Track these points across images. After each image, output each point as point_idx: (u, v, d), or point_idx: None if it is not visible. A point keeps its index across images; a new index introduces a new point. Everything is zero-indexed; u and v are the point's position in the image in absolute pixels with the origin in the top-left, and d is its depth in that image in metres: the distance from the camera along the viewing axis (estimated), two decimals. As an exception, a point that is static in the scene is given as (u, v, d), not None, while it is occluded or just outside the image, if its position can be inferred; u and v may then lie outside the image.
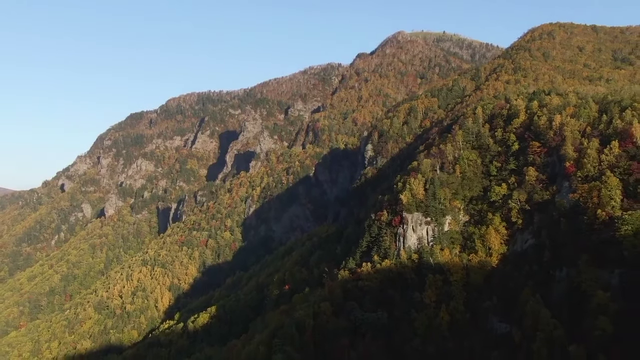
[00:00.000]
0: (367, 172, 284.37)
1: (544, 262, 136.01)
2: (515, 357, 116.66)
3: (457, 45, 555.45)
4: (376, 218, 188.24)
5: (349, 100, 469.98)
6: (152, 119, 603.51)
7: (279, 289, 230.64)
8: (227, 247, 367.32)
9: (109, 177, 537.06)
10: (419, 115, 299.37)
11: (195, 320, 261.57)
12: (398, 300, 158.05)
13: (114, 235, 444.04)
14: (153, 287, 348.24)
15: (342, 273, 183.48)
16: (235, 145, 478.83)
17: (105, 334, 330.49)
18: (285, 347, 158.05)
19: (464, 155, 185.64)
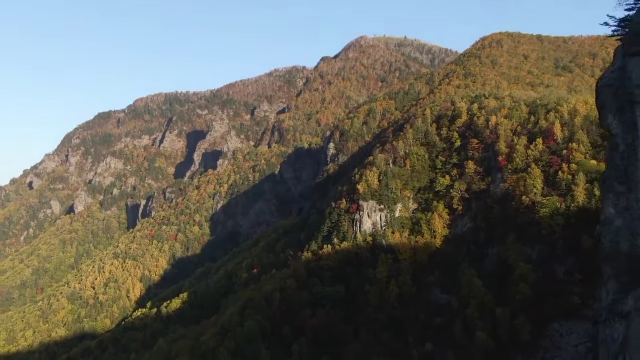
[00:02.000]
0: (329, 169, 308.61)
1: (480, 242, 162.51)
2: (453, 321, 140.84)
3: (417, 50, 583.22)
4: (336, 206, 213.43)
5: (312, 102, 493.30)
6: (119, 119, 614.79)
7: (248, 273, 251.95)
8: (196, 240, 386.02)
9: (78, 174, 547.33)
10: (377, 116, 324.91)
11: (168, 305, 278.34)
12: (354, 276, 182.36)
13: (83, 231, 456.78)
14: (125, 278, 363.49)
15: (306, 254, 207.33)
16: (203, 144, 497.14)
17: (79, 322, 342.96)
18: (256, 316, 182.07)
19: (413, 151, 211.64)
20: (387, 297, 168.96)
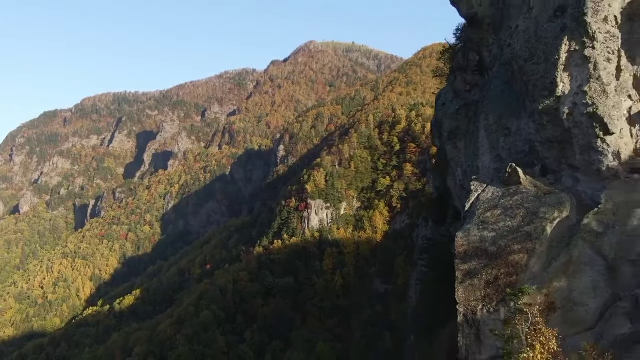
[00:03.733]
0: (279, 169, 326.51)
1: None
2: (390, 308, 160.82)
3: (364, 55, 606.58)
4: (286, 204, 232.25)
5: (263, 105, 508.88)
6: (66, 118, 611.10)
7: (201, 269, 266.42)
8: (147, 240, 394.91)
9: (22, 174, 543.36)
10: (325, 120, 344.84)
11: (121, 301, 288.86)
12: (302, 268, 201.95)
13: (29, 231, 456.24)
14: (74, 277, 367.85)
15: (257, 249, 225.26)
16: (153, 145, 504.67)
17: (28, 321, 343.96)
18: (211, 306, 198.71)
19: (357, 154, 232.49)
20: (332, 287, 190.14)
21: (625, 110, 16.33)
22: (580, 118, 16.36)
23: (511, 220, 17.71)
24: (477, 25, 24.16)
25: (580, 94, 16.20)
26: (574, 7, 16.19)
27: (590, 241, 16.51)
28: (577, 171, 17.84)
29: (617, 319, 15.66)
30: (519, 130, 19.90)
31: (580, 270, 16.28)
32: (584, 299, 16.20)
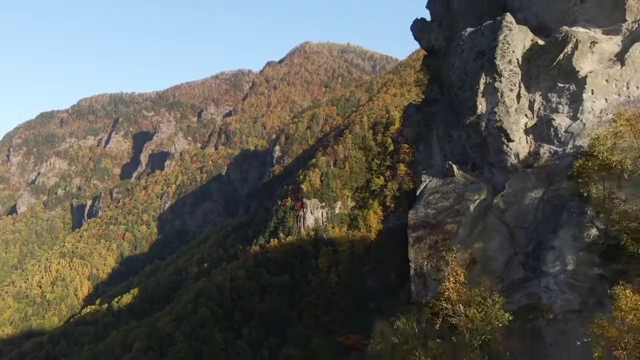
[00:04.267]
0: (275, 170, 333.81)
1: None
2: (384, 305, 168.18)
3: (359, 56, 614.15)
4: (282, 204, 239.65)
5: (258, 106, 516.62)
6: (63, 119, 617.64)
7: (199, 267, 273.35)
8: (144, 239, 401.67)
9: (20, 175, 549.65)
10: (321, 121, 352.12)
11: (120, 300, 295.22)
12: (298, 267, 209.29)
13: (27, 231, 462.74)
14: (72, 277, 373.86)
15: (254, 248, 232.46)
16: (150, 146, 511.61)
17: (26, 320, 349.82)
18: (209, 303, 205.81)
19: (352, 154, 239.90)
20: (328, 284, 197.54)
21: (523, 125, 23.45)
22: (492, 130, 23.56)
23: (446, 201, 24.94)
24: (434, 55, 31.54)
25: (492, 113, 23.35)
26: (489, 52, 23.37)
27: (498, 215, 23.73)
28: (492, 167, 25.06)
29: (515, 267, 22.80)
30: (458, 138, 27.17)
31: (491, 235, 23.48)
32: (494, 255, 23.39)
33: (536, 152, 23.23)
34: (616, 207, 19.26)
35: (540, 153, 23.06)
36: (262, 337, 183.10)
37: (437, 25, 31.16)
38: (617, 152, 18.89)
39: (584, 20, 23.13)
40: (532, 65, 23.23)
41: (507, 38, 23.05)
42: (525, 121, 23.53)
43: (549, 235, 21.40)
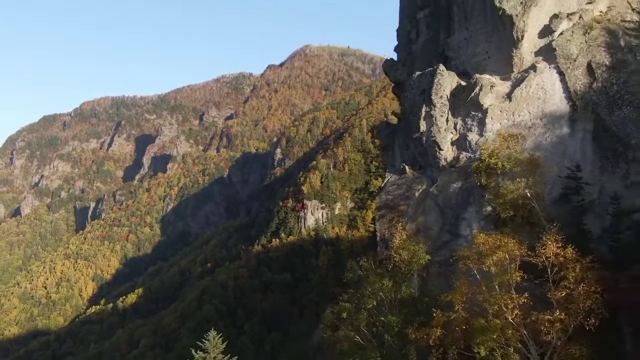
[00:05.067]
0: (276, 172, 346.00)
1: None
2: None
3: (359, 59, 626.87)
4: (283, 205, 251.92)
5: (259, 109, 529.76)
6: (65, 122, 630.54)
7: (202, 267, 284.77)
8: (147, 241, 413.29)
9: (23, 177, 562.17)
10: (321, 124, 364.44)
11: (124, 300, 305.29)
12: (299, 265, 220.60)
13: (31, 233, 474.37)
14: (77, 277, 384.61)
15: (256, 247, 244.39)
16: (152, 148, 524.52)
17: (32, 320, 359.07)
18: (213, 301, 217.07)
19: (351, 157, 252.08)
20: (327, 282, 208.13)
21: (449, 139, 35.58)
22: (430, 143, 35.70)
23: (400, 190, 37.20)
24: (399, 87, 43.81)
25: (429, 131, 35.49)
26: (428, 90, 35.62)
27: (433, 199, 35.91)
28: (431, 167, 37.28)
29: (444, 233, 34.86)
30: (412, 147, 39.39)
31: (429, 212, 35.61)
32: (431, 226, 35.53)
33: (458, 157, 35.56)
34: (495, 190, 31.43)
35: (460, 158, 35.39)
36: (264, 334, 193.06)
37: (402, 64, 43.68)
38: (495, 158, 31.08)
39: (489, 70, 35.48)
40: (456, 99, 35.54)
41: (439, 81, 35.40)
42: (451, 137, 35.82)
43: (462, 211, 33.65)
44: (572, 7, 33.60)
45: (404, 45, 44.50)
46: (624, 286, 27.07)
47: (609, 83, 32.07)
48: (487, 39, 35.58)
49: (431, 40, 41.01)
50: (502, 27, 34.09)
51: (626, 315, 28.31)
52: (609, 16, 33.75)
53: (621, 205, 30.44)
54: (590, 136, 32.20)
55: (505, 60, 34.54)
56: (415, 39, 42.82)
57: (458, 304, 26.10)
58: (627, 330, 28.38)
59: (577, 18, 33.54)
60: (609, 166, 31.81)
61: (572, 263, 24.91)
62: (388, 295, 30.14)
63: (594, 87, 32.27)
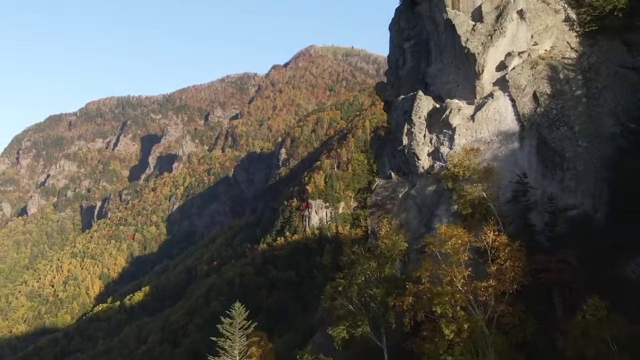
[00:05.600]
0: (281, 172, 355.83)
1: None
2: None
3: (363, 60, 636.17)
4: (288, 204, 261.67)
5: (264, 109, 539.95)
6: (71, 121, 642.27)
7: (208, 265, 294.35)
8: (153, 240, 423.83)
9: (29, 177, 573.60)
10: (325, 125, 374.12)
11: (131, 297, 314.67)
12: (304, 263, 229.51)
13: (38, 232, 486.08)
14: (84, 276, 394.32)
15: (262, 246, 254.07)
16: (158, 148, 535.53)
17: (40, 318, 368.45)
18: (220, 297, 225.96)
19: (354, 157, 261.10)
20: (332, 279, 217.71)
21: (426, 152, 44.95)
22: (410, 154, 45.04)
23: (387, 192, 46.48)
24: (389, 105, 53.07)
25: (410, 145, 44.82)
26: (409, 111, 44.96)
27: (413, 199, 45.27)
28: (412, 174, 46.64)
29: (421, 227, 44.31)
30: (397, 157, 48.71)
31: (409, 210, 44.89)
32: (411, 221, 44.86)
33: (432, 166, 44.83)
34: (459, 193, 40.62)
35: (435, 167, 44.66)
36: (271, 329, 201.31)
37: (391, 87, 53.06)
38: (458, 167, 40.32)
39: (458, 96, 44.71)
40: (431, 119, 44.81)
41: (418, 104, 44.67)
42: (427, 149, 45.10)
43: (435, 209, 42.90)
44: (522, 47, 42.75)
45: (393, 70, 53.84)
46: (554, 267, 36.07)
47: (550, 108, 41.21)
48: (456, 70, 44.81)
49: (414, 68, 50.33)
50: (467, 62, 43.29)
51: (557, 289, 37.42)
52: (552, 54, 42.85)
53: (557, 204, 39.61)
54: (535, 150, 41.44)
55: (470, 89, 43.66)
56: (402, 65, 52.19)
57: (424, 277, 35.37)
58: (557, 300, 37.52)
59: (526, 55, 42.78)
60: (549, 173, 40.99)
61: (504, 246, 34.30)
62: (374, 274, 39.78)
63: (538, 111, 41.45)
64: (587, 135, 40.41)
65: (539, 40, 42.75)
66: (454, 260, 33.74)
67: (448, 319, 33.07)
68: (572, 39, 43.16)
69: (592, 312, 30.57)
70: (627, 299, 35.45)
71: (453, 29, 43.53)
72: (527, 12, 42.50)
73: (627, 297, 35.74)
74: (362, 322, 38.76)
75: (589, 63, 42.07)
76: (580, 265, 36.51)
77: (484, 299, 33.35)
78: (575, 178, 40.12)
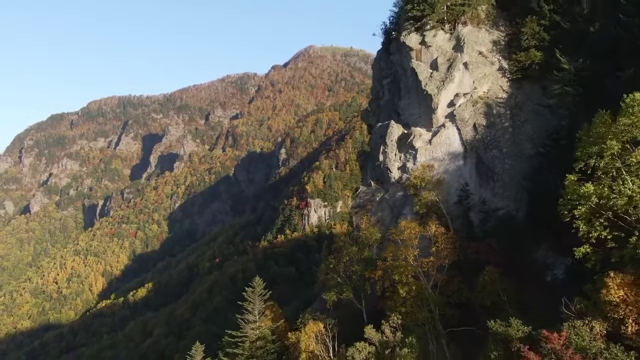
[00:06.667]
0: (281, 172, 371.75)
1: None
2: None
3: (362, 60, 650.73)
4: (288, 203, 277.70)
5: (264, 109, 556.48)
6: (73, 121, 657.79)
7: (210, 262, 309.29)
8: (155, 238, 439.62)
9: (31, 175, 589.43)
10: (324, 126, 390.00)
11: (135, 294, 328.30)
12: (303, 260, 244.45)
13: (40, 230, 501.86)
14: (87, 273, 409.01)
15: (263, 243, 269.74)
16: (159, 147, 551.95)
17: (44, 314, 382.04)
18: (222, 292, 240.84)
19: (352, 158, 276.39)
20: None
21: (397, 166, 61.01)
22: (385, 168, 61.21)
23: (367, 196, 62.74)
24: (371, 128, 69.31)
25: (384, 161, 60.96)
26: (383, 136, 61.12)
27: (387, 202, 61.49)
28: (387, 182, 62.91)
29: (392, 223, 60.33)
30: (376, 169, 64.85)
31: (384, 210, 61.11)
32: (386, 219, 61.22)
33: (401, 177, 61.30)
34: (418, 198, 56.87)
35: (403, 178, 61.04)
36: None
37: (373, 114, 69.56)
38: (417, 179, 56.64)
39: (420, 125, 61.28)
40: (400, 142, 61.30)
41: (391, 130, 61.08)
42: (397, 164, 61.50)
43: (402, 209, 59.32)
44: (466, 89, 58.82)
45: (375, 101, 70.29)
46: (483, 250, 52.28)
47: (485, 135, 57.45)
48: (419, 106, 61.10)
49: (390, 100, 66.56)
50: (426, 100, 59.54)
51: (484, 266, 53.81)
52: (488, 95, 58.81)
53: (489, 206, 56.00)
54: (474, 166, 57.78)
55: (428, 120, 59.94)
56: (382, 97, 68.52)
57: (389, 257, 51.47)
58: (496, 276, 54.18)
59: (469, 96, 58.91)
60: (484, 183, 57.35)
61: (441, 235, 50.59)
62: (355, 256, 56.63)
63: (477, 138, 57.70)
64: (511, 156, 56.77)
65: (479, 85, 59.07)
66: (409, 244, 49.81)
67: (403, 284, 49.23)
68: (504, 84, 59.45)
69: (489, 275, 46.90)
70: (533, 272, 51.91)
71: (416, 75, 59.87)
72: (470, 64, 58.81)
73: (533, 271, 52.19)
74: (347, 290, 55.84)
75: (515, 102, 58.39)
76: (501, 250, 52.67)
77: (427, 270, 49.41)
78: (502, 187, 56.58)
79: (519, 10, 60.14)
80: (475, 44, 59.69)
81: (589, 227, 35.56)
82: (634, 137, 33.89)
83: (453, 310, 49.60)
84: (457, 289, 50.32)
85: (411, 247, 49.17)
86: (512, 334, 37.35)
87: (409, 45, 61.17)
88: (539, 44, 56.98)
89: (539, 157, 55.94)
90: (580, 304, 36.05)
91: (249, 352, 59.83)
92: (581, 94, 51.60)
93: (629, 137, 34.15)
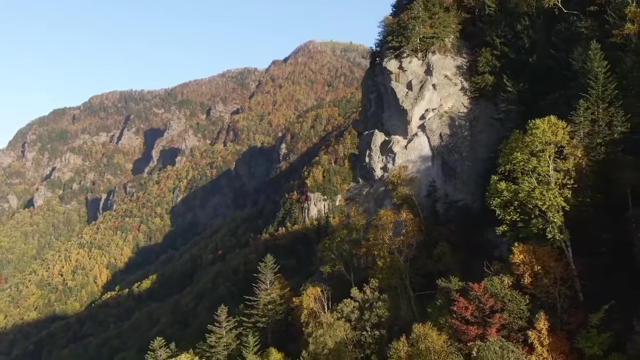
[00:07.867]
0: (282, 166, 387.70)
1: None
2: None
3: (361, 55, 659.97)
4: (289, 197, 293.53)
5: (265, 104, 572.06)
6: (75, 115, 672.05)
7: (213, 254, 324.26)
8: (158, 231, 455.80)
9: (34, 170, 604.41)
10: (323, 121, 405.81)
11: (139, 285, 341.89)
12: (303, 252, 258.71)
13: (44, 224, 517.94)
14: (91, 265, 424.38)
15: (264, 236, 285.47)
16: (161, 142, 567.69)
17: (50, 306, 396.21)
18: (226, 283, 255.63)
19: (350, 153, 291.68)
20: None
21: (380, 167, 77.35)
22: (370, 168, 77.54)
23: (357, 191, 79.42)
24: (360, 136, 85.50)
25: (370, 163, 77.26)
26: (369, 143, 77.57)
27: (372, 195, 78.04)
28: (372, 180, 79.23)
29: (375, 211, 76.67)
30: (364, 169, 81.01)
31: (369, 202, 77.79)
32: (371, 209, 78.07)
33: (383, 175, 78.04)
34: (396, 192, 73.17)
35: (384, 176, 77.72)
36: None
37: (361, 123, 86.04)
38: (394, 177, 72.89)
39: (398, 134, 77.95)
40: (382, 147, 78.00)
41: (375, 138, 77.70)
42: (380, 165, 78.08)
43: (383, 201, 75.76)
44: (434, 105, 75.34)
45: (364, 112, 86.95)
46: (445, 232, 68.79)
47: (449, 143, 73.97)
48: (397, 118, 77.53)
49: (376, 112, 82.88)
50: (403, 114, 76.08)
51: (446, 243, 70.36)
52: (452, 110, 75.29)
53: (451, 198, 72.71)
54: (440, 167, 74.42)
55: (405, 130, 76.53)
56: (369, 109, 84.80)
57: (371, 238, 67.82)
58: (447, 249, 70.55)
59: (437, 111, 75.50)
60: (448, 180, 74.08)
61: (410, 220, 66.98)
62: (345, 237, 73.33)
63: (442, 144, 74.28)
64: (470, 159, 73.39)
65: (444, 102, 75.60)
66: (386, 227, 66.16)
67: (380, 257, 65.74)
68: (465, 101, 75.96)
69: (441, 249, 63.56)
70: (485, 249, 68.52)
71: (395, 94, 76.32)
72: (438, 85, 75.38)
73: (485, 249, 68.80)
74: (338, 264, 72.99)
75: (473, 116, 74.90)
76: (460, 232, 69.13)
77: (399, 246, 65.79)
78: (462, 183, 73.20)
79: (478, 41, 76.52)
80: (442, 69, 76.21)
81: (504, 212, 52.08)
82: (532, 150, 50.20)
83: (419, 279, 65.96)
84: (423, 263, 66.70)
85: (387, 230, 65.29)
86: (451, 287, 53.97)
87: (389, 69, 77.75)
88: (492, 70, 73.51)
89: (491, 160, 72.12)
90: (497, 265, 52.85)
91: (262, 312, 78.34)
92: (522, 111, 67.91)
93: (529, 150, 50.51)
